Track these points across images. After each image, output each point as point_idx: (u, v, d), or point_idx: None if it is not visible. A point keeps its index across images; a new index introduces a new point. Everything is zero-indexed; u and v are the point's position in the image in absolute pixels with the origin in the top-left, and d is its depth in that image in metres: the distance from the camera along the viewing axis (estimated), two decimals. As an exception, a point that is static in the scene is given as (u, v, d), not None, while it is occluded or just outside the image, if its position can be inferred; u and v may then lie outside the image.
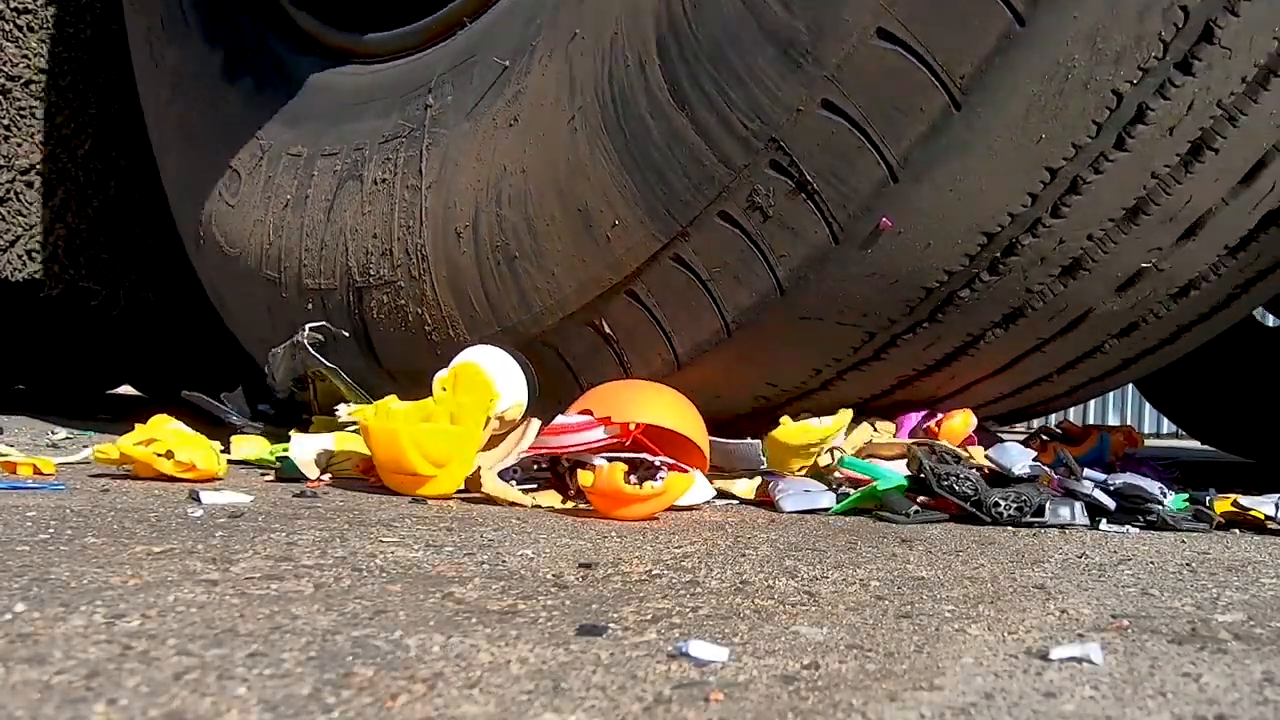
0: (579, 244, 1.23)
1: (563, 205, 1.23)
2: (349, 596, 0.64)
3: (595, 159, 1.20)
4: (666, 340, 1.23)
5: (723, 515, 1.11)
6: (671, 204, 1.15)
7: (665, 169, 1.15)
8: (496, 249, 1.30)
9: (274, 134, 1.65)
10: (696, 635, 0.58)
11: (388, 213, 1.42)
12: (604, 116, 1.19)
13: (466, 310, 1.35)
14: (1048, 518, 1.08)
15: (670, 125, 1.14)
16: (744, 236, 1.13)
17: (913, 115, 1.04)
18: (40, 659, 0.48)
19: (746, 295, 1.16)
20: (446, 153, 1.37)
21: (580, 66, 1.23)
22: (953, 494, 1.08)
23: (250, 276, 1.64)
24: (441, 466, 1.11)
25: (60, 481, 1.10)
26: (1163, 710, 0.49)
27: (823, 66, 1.05)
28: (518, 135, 1.28)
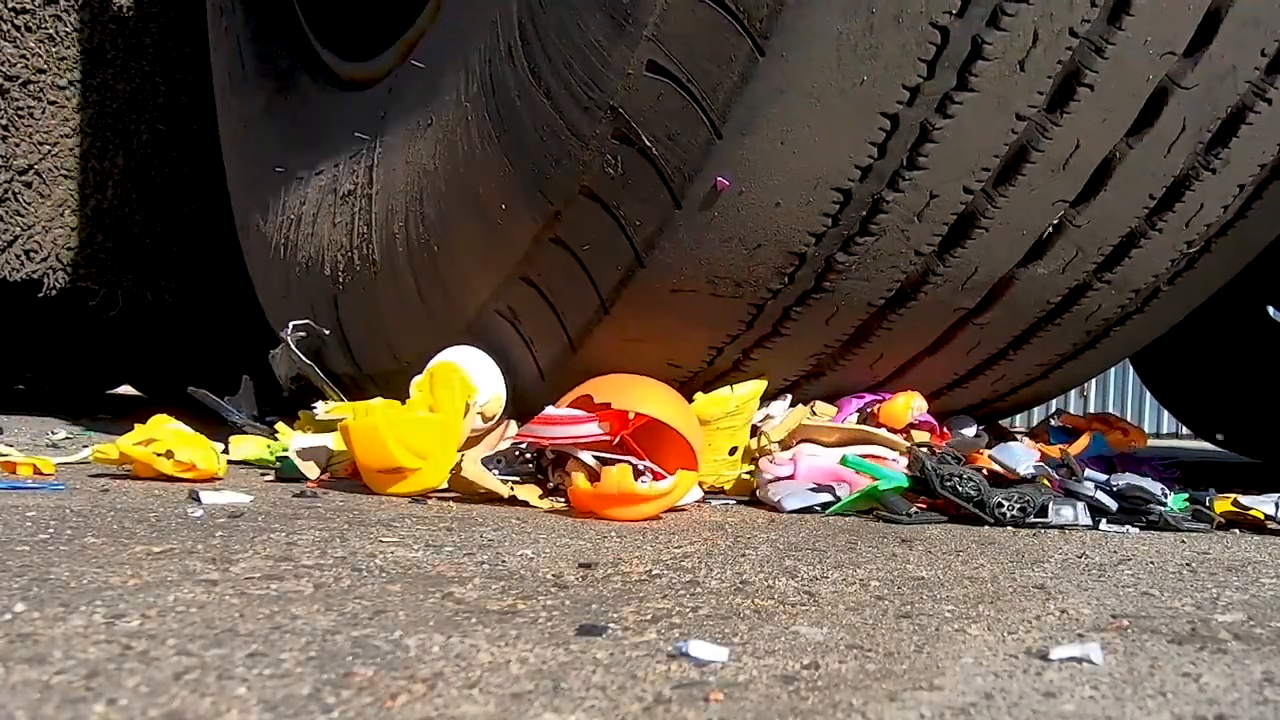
0: (479, 233, 1.25)
1: (463, 196, 1.26)
2: (349, 596, 0.64)
3: (484, 148, 1.21)
4: (560, 323, 1.22)
5: (723, 515, 1.11)
6: (542, 184, 1.14)
7: (535, 150, 1.14)
8: (421, 246, 1.33)
9: (289, 162, 1.71)
10: (696, 635, 0.58)
11: (350, 222, 1.47)
12: (487, 105, 1.20)
13: (408, 308, 1.39)
14: (1051, 518, 1.08)
15: (534, 106, 1.13)
16: (605, 210, 1.11)
17: (725, 66, 1.01)
18: (40, 659, 0.48)
19: (614, 270, 1.14)
20: (389, 160, 1.41)
21: (473, 61, 1.25)
22: (955, 495, 1.07)
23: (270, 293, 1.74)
24: (424, 458, 1.11)
25: (60, 481, 1.10)
26: (1163, 710, 0.49)
27: (642, 26, 1.03)
28: (432, 135, 1.32)
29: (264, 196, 1.79)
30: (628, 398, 1.12)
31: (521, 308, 1.25)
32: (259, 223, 1.79)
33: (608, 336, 1.22)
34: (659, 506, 1.04)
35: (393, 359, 1.41)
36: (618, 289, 1.16)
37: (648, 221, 1.10)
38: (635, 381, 1.20)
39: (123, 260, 2.17)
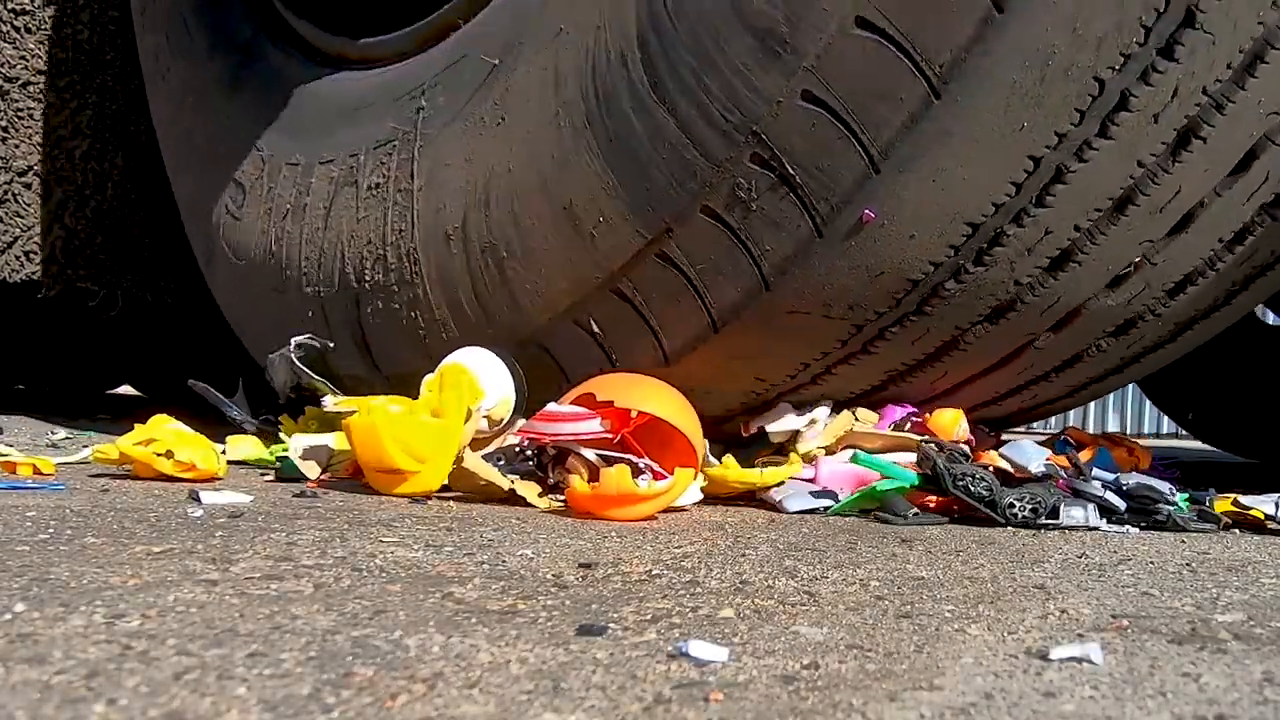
0: (566, 242, 1.22)
1: (549, 204, 1.23)
2: (349, 596, 0.64)
3: (580, 156, 1.19)
4: (655, 337, 1.22)
5: (723, 515, 1.11)
6: (655, 200, 1.14)
7: (648, 164, 1.14)
8: (485, 250, 1.29)
9: (275, 144, 1.65)
10: (696, 635, 0.58)
11: (381, 217, 1.42)
12: (588, 112, 1.18)
13: (458, 312, 1.35)
14: (1061, 519, 1.07)
15: (652, 120, 1.13)
16: (728, 231, 1.12)
17: (893, 105, 1.03)
18: (40, 659, 0.48)
19: (732, 291, 1.15)
20: (437, 154, 1.36)
21: (565, 62, 1.22)
22: (967, 494, 1.06)
23: (253, 286, 1.66)
24: (423, 461, 1.10)
25: (60, 481, 1.10)
26: (1163, 710, 0.49)
27: (802, 57, 1.04)
28: (504, 134, 1.28)
29: (228, 179, 1.69)
30: (630, 396, 1.12)
31: (606, 320, 1.23)
32: (229, 208, 1.70)
33: (711, 354, 1.22)
34: (657, 506, 1.04)
35: (428, 360, 1.36)
36: (734, 310, 1.17)
37: (780, 248, 1.11)
38: (637, 380, 1.20)
39: (122, 261, 2.17)
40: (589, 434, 1.11)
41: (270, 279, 1.62)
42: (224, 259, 1.73)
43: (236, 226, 1.70)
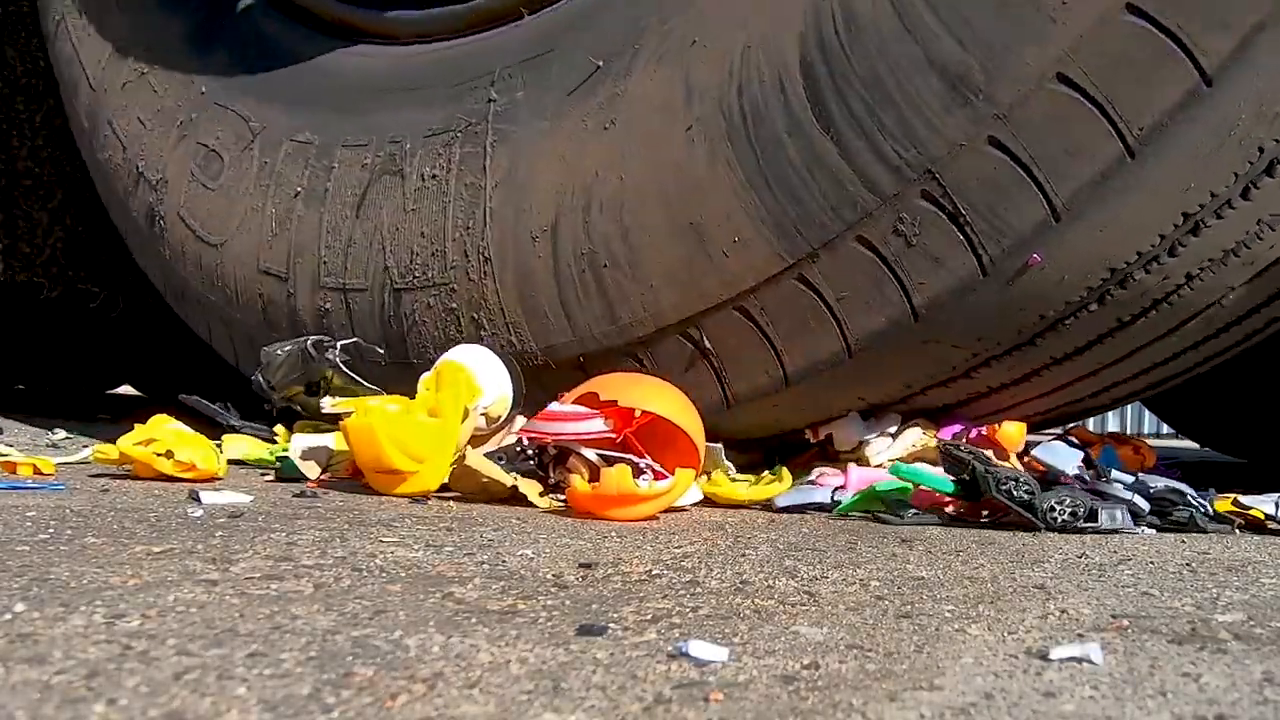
0: (687, 257, 1.20)
1: (670, 217, 1.20)
2: (349, 596, 0.64)
3: (715, 173, 1.17)
4: (776, 357, 1.21)
5: (723, 515, 1.12)
6: (805, 225, 1.13)
7: (801, 190, 1.13)
8: (581, 256, 1.26)
9: (268, 117, 1.57)
10: (696, 635, 0.58)
11: (439, 211, 1.37)
12: (729, 130, 1.17)
13: (535, 316, 1.31)
14: (1102, 523, 1.06)
15: (811, 147, 1.12)
16: (880, 262, 1.13)
17: (1084, 160, 1.05)
18: (40, 659, 0.48)
19: (875, 319, 1.16)
20: (518, 151, 1.32)
21: (700, 76, 1.19)
22: (1010, 499, 1.05)
23: (238, 268, 1.57)
24: (421, 461, 1.10)
25: (60, 481, 1.10)
26: (1163, 710, 0.49)
27: (994, 105, 1.05)
28: (615, 139, 1.24)
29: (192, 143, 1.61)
30: (634, 396, 1.12)
31: (722, 336, 1.22)
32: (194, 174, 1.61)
33: (831, 375, 1.21)
34: (658, 507, 1.04)
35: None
36: (872, 338, 1.17)
37: (937, 283, 1.12)
38: (640, 380, 1.20)
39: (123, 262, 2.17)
40: (592, 434, 1.11)
41: (268, 263, 1.53)
42: (178, 230, 1.63)
43: (207, 197, 1.60)
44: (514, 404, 1.26)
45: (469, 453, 1.10)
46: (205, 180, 1.62)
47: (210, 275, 1.63)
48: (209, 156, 1.63)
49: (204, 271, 1.64)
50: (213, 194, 1.61)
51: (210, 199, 1.61)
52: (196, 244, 1.63)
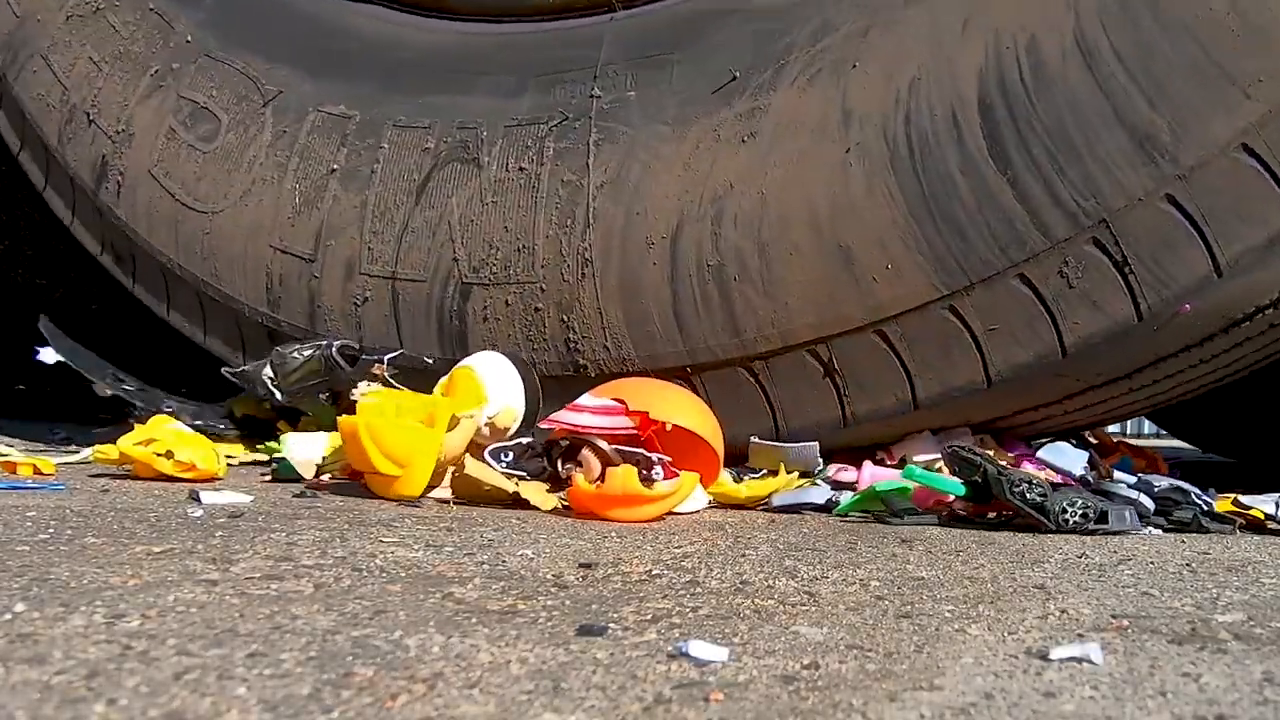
0: (830, 279, 1.20)
1: (817, 238, 1.20)
2: (349, 596, 0.64)
3: (874, 199, 1.18)
4: (908, 382, 1.22)
5: (723, 515, 1.12)
6: (966, 259, 1.15)
7: (967, 225, 1.15)
8: (707, 267, 1.25)
9: (284, 80, 1.51)
10: (696, 635, 0.58)
11: (526, 206, 1.34)
12: (893, 159, 1.18)
13: (640, 323, 1.29)
14: (1112, 524, 1.06)
15: (985, 185, 1.14)
16: (1038, 301, 1.15)
17: (1256, 226, 1.09)
18: (40, 659, 0.48)
19: (1023, 354, 1.17)
20: (631, 153, 1.30)
21: (860, 100, 1.20)
22: (1023, 501, 1.05)
23: (237, 241, 1.51)
24: (403, 466, 1.08)
25: (60, 481, 1.10)
26: (1163, 710, 0.49)
27: (1177, 166, 1.09)
28: (755, 153, 1.24)
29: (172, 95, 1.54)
30: (665, 409, 1.12)
31: (853, 359, 1.22)
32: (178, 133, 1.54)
33: (965, 402, 1.22)
34: (661, 509, 1.03)
35: (562, 365, 1.32)
36: (1016, 370, 1.18)
37: (1091, 325, 1.15)
38: (666, 389, 1.19)
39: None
40: (615, 429, 1.10)
41: (286, 242, 1.47)
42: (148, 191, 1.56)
43: (195, 159, 1.54)
44: (526, 416, 1.24)
45: (468, 460, 1.09)
46: (193, 140, 1.55)
47: (191, 243, 1.56)
48: (198, 114, 1.55)
49: (181, 238, 1.56)
50: (204, 156, 1.54)
51: (200, 161, 1.54)
52: (174, 207, 1.56)
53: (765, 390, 1.27)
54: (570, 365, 1.33)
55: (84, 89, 1.66)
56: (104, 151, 1.63)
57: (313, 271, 1.47)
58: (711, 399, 1.26)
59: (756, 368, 1.26)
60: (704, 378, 1.28)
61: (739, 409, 1.27)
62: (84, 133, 1.66)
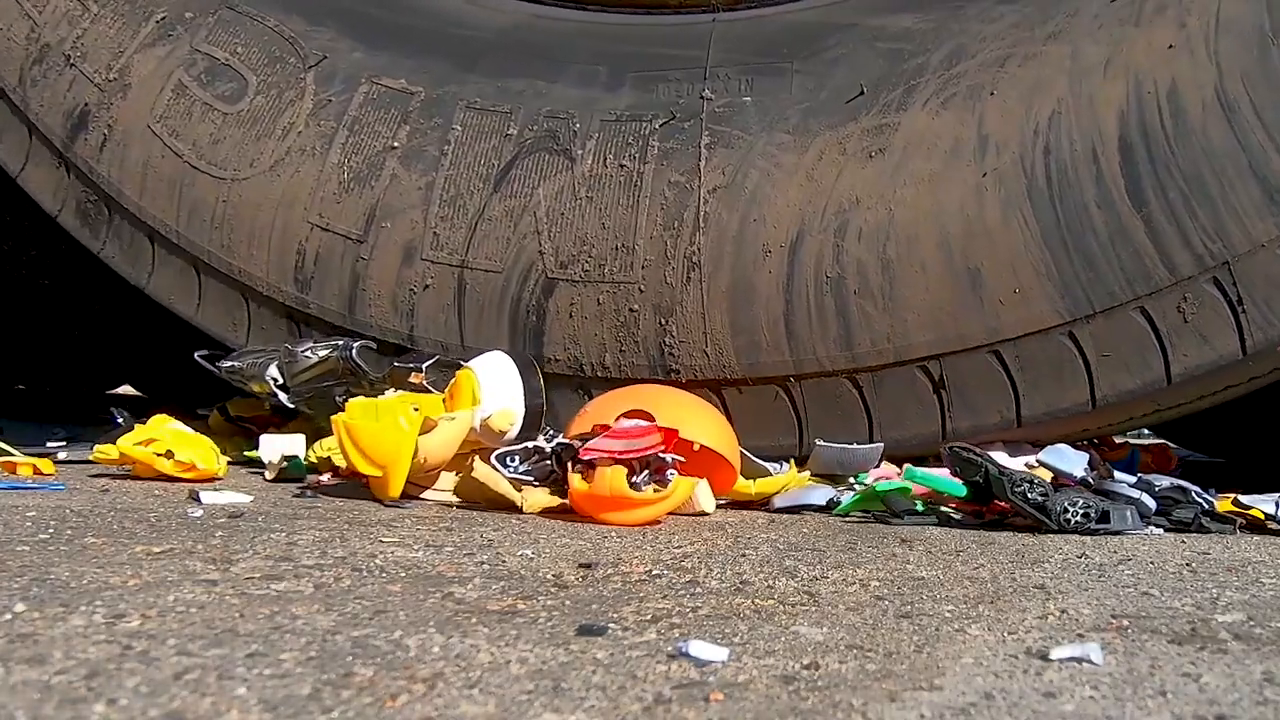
0: (955, 299, 1.23)
1: (947, 259, 1.22)
2: (349, 596, 0.64)
3: (1008, 225, 1.21)
4: (1014, 400, 1.24)
5: (723, 515, 1.12)
6: (1093, 289, 1.20)
7: (1097, 257, 1.20)
8: (826, 279, 1.25)
9: (329, 46, 1.44)
10: (696, 635, 0.58)
11: (628, 204, 1.31)
12: (1029, 188, 1.21)
13: (746, 330, 1.27)
14: (1114, 524, 1.06)
15: (1119, 221, 1.19)
16: (1153, 333, 1.20)
17: None
18: (40, 659, 0.48)
19: (1130, 381, 1.22)
20: (748, 159, 1.29)
21: (997, 128, 1.23)
22: (1024, 501, 1.05)
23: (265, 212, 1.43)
24: (382, 467, 1.06)
25: (60, 481, 1.10)
26: (1163, 710, 0.49)
27: None
28: (884, 170, 1.25)
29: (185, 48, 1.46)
30: (693, 428, 1.11)
31: (964, 376, 1.24)
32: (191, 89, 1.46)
33: (1067, 423, 1.25)
34: (654, 512, 1.03)
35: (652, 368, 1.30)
36: (1120, 395, 1.22)
37: (1199, 357, 1.19)
38: (689, 404, 1.18)
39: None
40: (649, 449, 1.09)
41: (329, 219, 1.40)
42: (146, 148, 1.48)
43: (212, 119, 1.46)
44: (528, 419, 1.22)
45: (477, 464, 1.08)
46: (211, 99, 1.47)
47: (199, 209, 1.48)
48: (217, 70, 1.48)
49: (186, 203, 1.49)
50: (225, 117, 1.46)
51: (219, 123, 1.46)
52: (178, 168, 1.48)
53: (866, 401, 1.28)
54: (661, 369, 1.30)
55: (63, 28, 1.56)
56: (86, 99, 1.53)
57: (360, 253, 1.40)
58: (808, 407, 1.28)
59: (862, 380, 1.27)
60: (804, 386, 1.28)
61: (833, 417, 1.28)
62: (59, 76, 1.55)
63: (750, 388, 1.28)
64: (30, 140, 1.60)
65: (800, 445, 1.27)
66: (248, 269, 1.46)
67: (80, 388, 3.31)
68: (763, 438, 1.27)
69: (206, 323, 1.51)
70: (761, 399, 1.26)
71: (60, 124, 1.55)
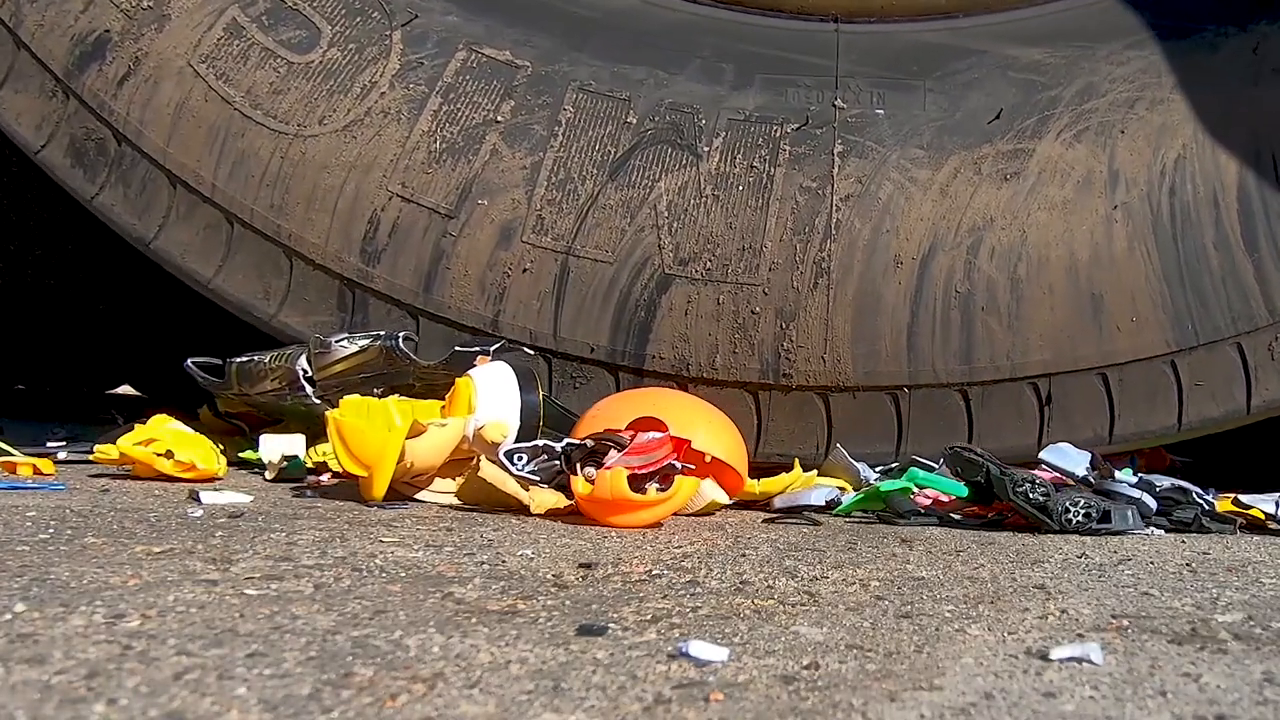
0: (1075, 322, 1.29)
1: (1072, 283, 1.29)
2: (349, 596, 0.64)
3: (1133, 257, 1.29)
4: (1110, 422, 1.31)
5: (722, 515, 1.11)
6: (1201, 323, 1.29)
7: (1209, 294, 1.29)
8: (955, 294, 1.29)
9: (421, 5, 1.38)
10: (696, 635, 0.58)
11: (756, 206, 1.31)
12: (1154, 225, 1.29)
13: (867, 340, 1.28)
14: (1115, 524, 1.06)
15: (1232, 262, 1.29)
16: (1243, 366, 1.30)
17: None
18: (40, 659, 0.48)
19: (1215, 409, 1.31)
20: (881, 171, 1.31)
21: (1127, 164, 1.30)
22: (1026, 501, 1.05)
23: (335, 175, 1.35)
24: (368, 469, 1.05)
25: (60, 481, 1.10)
26: (1163, 710, 0.49)
27: None
28: (1017, 193, 1.30)
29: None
30: (706, 439, 1.11)
31: (1070, 394, 1.30)
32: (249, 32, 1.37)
33: (1150, 443, 1.35)
34: (657, 514, 1.03)
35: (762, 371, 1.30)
36: (1202, 422, 1.31)
37: (1275, 391, 1.30)
38: (701, 411, 1.18)
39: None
40: (666, 458, 1.09)
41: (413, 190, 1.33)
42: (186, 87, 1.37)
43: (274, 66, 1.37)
44: (523, 433, 1.20)
45: (484, 464, 1.08)
46: (274, 44, 1.38)
47: (246, 163, 1.37)
48: (282, 14, 1.38)
49: (229, 153, 1.38)
50: (290, 67, 1.37)
51: (283, 72, 1.37)
52: (225, 114, 1.37)
53: (970, 413, 1.31)
54: (773, 372, 1.30)
55: None
56: (107, 25, 1.41)
57: (448, 229, 1.33)
58: (910, 415, 1.31)
59: (972, 393, 1.31)
60: (913, 396, 1.30)
61: (934, 426, 1.30)
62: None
63: (861, 394, 1.30)
64: (15, 58, 1.43)
65: (896, 452, 1.31)
66: (301, 233, 1.36)
67: (80, 388, 3.31)
68: (861, 444, 1.30)
69: (227, 288, 1.38)
70: (869, 407, 1.30)
71: (65, 48, 1.41)
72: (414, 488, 1.12)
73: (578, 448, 1.09)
